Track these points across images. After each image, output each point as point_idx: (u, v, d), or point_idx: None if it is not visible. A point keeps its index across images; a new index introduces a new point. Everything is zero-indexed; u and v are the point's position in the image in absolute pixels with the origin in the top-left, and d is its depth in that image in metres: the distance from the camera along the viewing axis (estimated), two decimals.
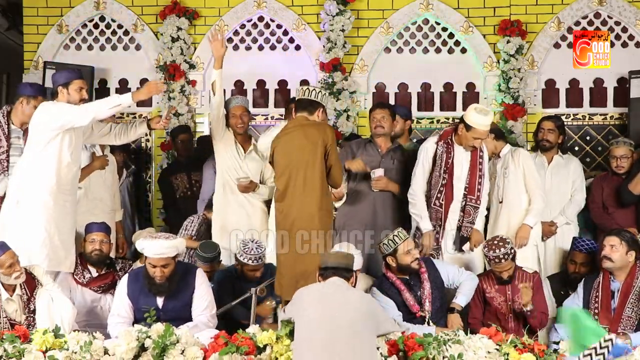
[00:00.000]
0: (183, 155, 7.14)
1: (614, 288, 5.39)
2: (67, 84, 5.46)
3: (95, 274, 5.66)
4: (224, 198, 6.13)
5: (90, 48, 7.84)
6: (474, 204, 5.78)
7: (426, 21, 7.65)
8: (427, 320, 5.26)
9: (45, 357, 4.55)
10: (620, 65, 7.24)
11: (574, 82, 7.54)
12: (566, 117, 7.35)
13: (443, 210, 5.76)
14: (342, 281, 4.42)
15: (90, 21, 7.84)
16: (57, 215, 5.44)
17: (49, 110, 5.42)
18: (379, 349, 4.44)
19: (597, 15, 7.50)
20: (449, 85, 7.66)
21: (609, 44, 6.59)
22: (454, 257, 5.80)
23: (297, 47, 7.73)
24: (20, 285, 5.04)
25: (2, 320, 4.99)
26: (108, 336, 4.91)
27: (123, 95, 5.52)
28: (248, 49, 7.76)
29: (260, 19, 7.76)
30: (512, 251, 5.43)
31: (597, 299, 5.39)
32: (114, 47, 7.85)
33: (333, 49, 7.47)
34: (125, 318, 5.11)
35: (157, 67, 7.69)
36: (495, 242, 5.44)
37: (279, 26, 7.73)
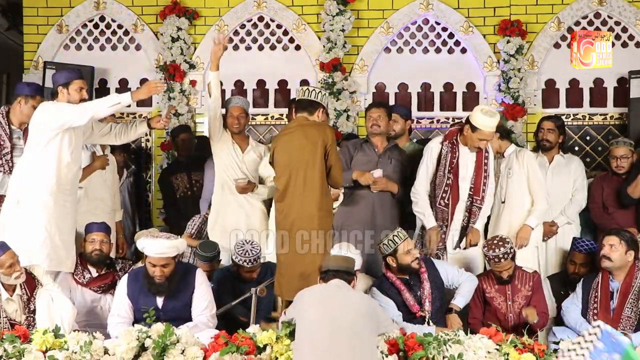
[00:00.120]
0: (183, 155, 7.13)
1: (613, 288, 5.39)
2: (67, 84, 5.46)
3: (95, 274, 5.65)
4: (223, 198, 6.12)
5: (90, 48, 7.84)
6: (479, 205, 5.78)
7: (426, 21, 7.65)
8: (427, 320, 5.26)
9: (45, 357, 4.54)
10: (620, 65, 7.22)
11: (574, 82, 7.54)
12: (566, 117, 7.35)
13: (449, 210, 5.76)
14: (343, 283, 4.43)
15: (90, 21, 7.84)
16: (57, 215, 5.44)
17: (49, 110, 5.41)
18: (378, 347, 4.45)
19: (597, 15, 7.50)
20: (449, 85, 7.66)
21: (610, 44, 6.57)
22: (454, 256, 5.79)
23: (297, 47, 7.72)
24: (20, 285, 5.04)
25: (2, 320, 4.99)
26: (108, 336, 4.91)
27: (122, 94, 5.51)
28: (248, 49, 7.76)
29: (260, 19, 7.76)
30: (511, 251, 5.43)
31: (596, 299, 5.39)
32: (114, 47, 7.85)
33: (333, 49, 7.46)
34: (125, 318, 5.11)
35: (157, 67, 7.69)
36: (495, 241, 5.44)
37: (279, 26, 7.73)
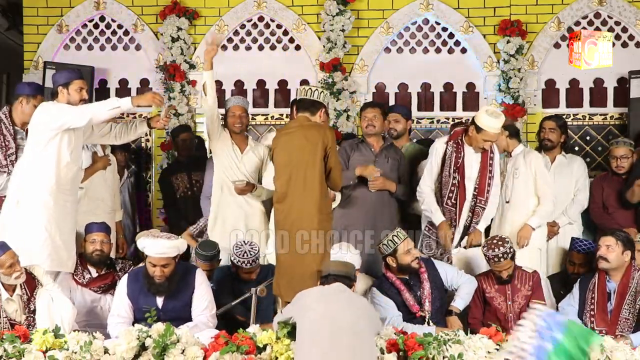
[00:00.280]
0: (184, 155, 7.12)
1: (610, 289, 5.36)
2: (68, 84, 5.46)
3: (95, 274, 5.65)
4: (222, 199, 6.11)
5: (90, 48, 7.84)
6: (483, 205, 5.78)
7: (426, 21, 7.65)
8: (427, 321, 5.26)
9: (45, 357, 4.54)
10: (620, 65, 7.21)
11: (574, 82, 7.54)
12: (566, 117, 7.32)
13: (456, 210, 5.75)
14: (344, 287, 4.46)
15: (90, 21, 7.84)
16: (57, 216, 5.43)
17: (49, 111, 5.41)
18: (378, 345, 4.45)
19: (597, 15, 7.50)
20: (449, 85, 7.66)
21: (610, 44, 6.58)
22: (457, 256, 5.80)
23: (297, 47, 7.72)
24: (21, 285, 5.04)
25: (2, 320, 4.99)
26: (108, 336, 4.90)
27: (122, 99, 5.49)
28: (248, 49, 7.76)
29: (260, 19, 7.76)
30: (511, 250, 5.42)
31: (593, 300, 5.36)
32: (114, 47, 7.85)
33: (333, 49, 7.47)
34: (125, 318, 5.11)
35: (157, 67, 7.69)
36: (495, 241, 5.44)
37: (279, 26, 7.73)
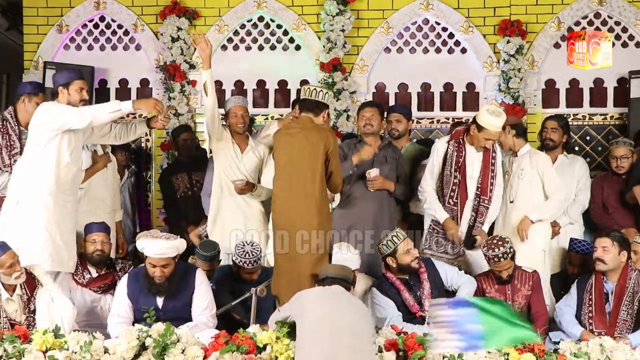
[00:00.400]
0: (184, 155, 7.12)
1: (607, 289, 5.35)
2: (68, 84, 5.45)
3: (95, 274, 5.64)
4: (222, 199, 6.11)
5: (90, 48, 7.84)
6: (486, 205, 5.77)
7: (426, 21, 7.65)
8: (427, 321, 5.25)
9: (45, 357, 4.54)
10: (620, 65, 7.23)
11: (574, 82, 7.54)
12: (566, 117, 7.33)
13: (458, 209, 5.75)
14: (342, 289, 4.48)
15: (90, 21, 7.84)
16: (57, 216, 5.42)
17: (49, 111, 5.41)
18: (375, 344, 4.47)
19: (597, 15, 7.50)
20: (449, 85, 7.66)
21: (610, 44, 6.60)
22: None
23: (297, 47, 7.73)
24: (21, 285, 5.04)
25: (2, 320, 4.99)
26: (108, 336, 4.90)
27: (124, 102, 5.49)
28: (248, 49, 7.77)
29: (260, 19, 7.76)
30: (511, 250, 5.42)
31: (590, 302, 5.34)
32: (114, 47, 7.85)
33: (333, 49, 7.47)
34: (125, 318, 5.11)
35: (157, 67, 7.70)
36: (495, 241, 5.44)
37: (279, 26, 7.73)
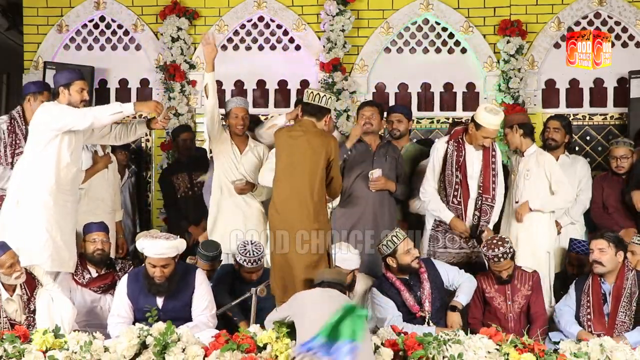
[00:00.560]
0: (184, 154, 7.12)
1: (605, 290, 5.32)
2: (69, 84, 5.46)
3: (95, 274, 5.64)
4: (221, 200, 6.11)
5: (90, 48, 7.85)
6: (490, 203, 5.77)
7: (426, 21, 7.65)
8: (427, 321, 5.26)
9: (45, 357, 4.53)
10: (620, 65, 7.24)
11: (574, 82, 7.54)
12: (568, 117, 7.34)
13: (462, 207, 5.75)
14: (339, 292, 4.51)
15: (90, 21, 7.84)
16: (57, 216, 5.42)
17: (50, 111, 5.41)
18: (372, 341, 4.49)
19: (597, 15, 7.50)
20: (449, 85, 7.66)
21: (610, 44, 6.61)
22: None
23: (297, 47, 7.73)
24: (21, 285, 5.04)
25: (2, 320, 4.99)
26: (108, 336, 4.90)
27: (125, 104, 5.49)
28: (248, 49, 7.77)
29: (260, 19, 7.76)
30: (510, 250, 5.42)
31: (588, 303, 5.32)
32: (114, 47, 7.85)
33: (333, 49, 7.47)
34: (125, 318, 5.11)
35: (157, 67, 7.70)
36: (494, 241, 5.44)
37: (279, 26, 7.73)
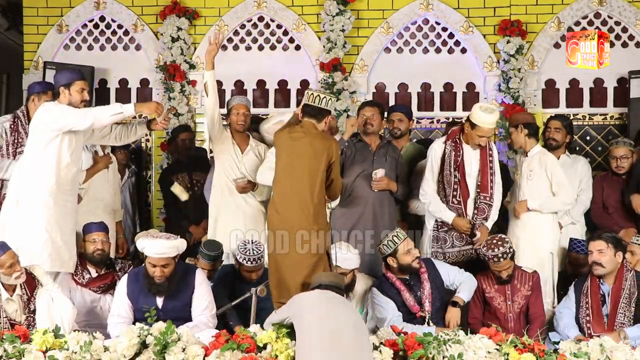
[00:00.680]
0: (183, 154, 7.12)
1: (604, 291, 5.30)
2: (69, 84, 5.46)
3: (94, 274, 5.64)
4: (222, 200, 6.11)
5: (90, 48, 7.85)
6: (488, 202, 5.76)
7: (426, 21, 7.66)
8: (427, 321, 5.26)
9: (45, 357, 4.53)
10: (620, 65, 7.25)
11: (574, 82, 7.55)
12: (569, 117, 7.34)
13: (462, 207, 5.74)
14: (336, 294, 4.51)
15: (90, 21, 7.84)
16: (58, 216, 5.42)
17: (51, 111, 5.41)
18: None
19: (597, 15, 7.51)
20: (449, 85, 7.66)
21: (608, 44, 6.60)
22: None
23: (297, 47, 7.73)
24: (21, 285, 5.04)
25: (2, 320, 4.99)
26: (108, 336, 4.90)
27: (126, 105, 5.49)
28: (248, 49, 7.77)
29: (260, 19, 7.76)
30: (510, 250, 5.42)
31: (587, 304, 5.30)
32: (114, 47, 7.85)
33: (333, 49, 7.47)
34: (125, 318, 5.11)
35: (157, 67, 7.70)
36: (494, 241, 5.44)
37: (279, 26, 7.74)
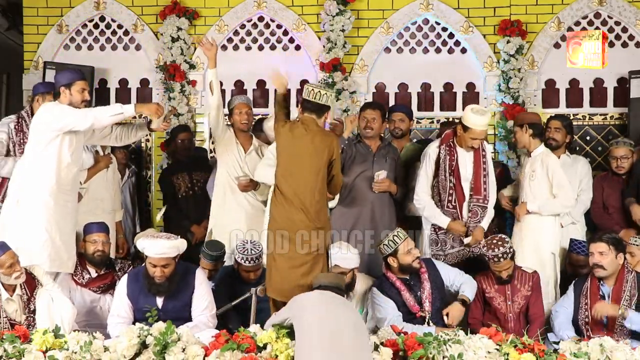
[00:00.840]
0: (182, 155, 7.12)
1: (604, 292, 5.28)
2: (70, 84, 5.46)
3: (94, 274, 5.64)
4: (224, 198, 6.12)
5: (90, 48, 7.85)
6: (482, 204, 5.76)
7: (426, 21, 7.65)
8: (427, 321, 5.26)
9: (45, 357, 4.54)
10: (620, 65, 7.25)
11: (574, 82, 7.54)
12: (569, 118, 7.34)
13: (457, 211, 5.74)
14: (336, 295, 4.53)
15: (90, 21, 7.84)
16: (58, 216, 5.42)
17: (52, 111, 5.41)
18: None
19: (597, 15, 7.50)
20: (449, 85, 7.66)
21: (607, 44, 6.62)
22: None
23: (297, 47, 7.73)
24: (21, 285, 5.04)
25: (2, 320, 4.99)
26: (108, 336, 4.90)
27: (126, 105, 5.49)
28: (248, 49, 7.77)
29: (260, 19, 7.76)
30: (510, 250, 5.42)
31: (587, 306, 5.28)
32: (114, 47, 7.85)
33: (333, 49, 7.47)
34: (125, 318, 5.11)
35: (157, 67, 7.70)
36: (494, 241, 5.44)
37: (279, 26, 7.73)
